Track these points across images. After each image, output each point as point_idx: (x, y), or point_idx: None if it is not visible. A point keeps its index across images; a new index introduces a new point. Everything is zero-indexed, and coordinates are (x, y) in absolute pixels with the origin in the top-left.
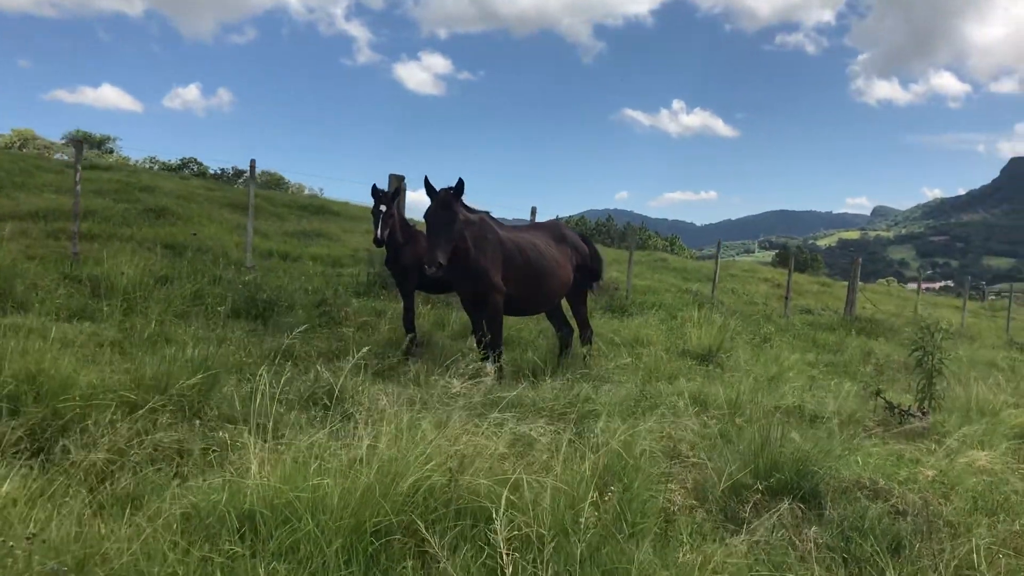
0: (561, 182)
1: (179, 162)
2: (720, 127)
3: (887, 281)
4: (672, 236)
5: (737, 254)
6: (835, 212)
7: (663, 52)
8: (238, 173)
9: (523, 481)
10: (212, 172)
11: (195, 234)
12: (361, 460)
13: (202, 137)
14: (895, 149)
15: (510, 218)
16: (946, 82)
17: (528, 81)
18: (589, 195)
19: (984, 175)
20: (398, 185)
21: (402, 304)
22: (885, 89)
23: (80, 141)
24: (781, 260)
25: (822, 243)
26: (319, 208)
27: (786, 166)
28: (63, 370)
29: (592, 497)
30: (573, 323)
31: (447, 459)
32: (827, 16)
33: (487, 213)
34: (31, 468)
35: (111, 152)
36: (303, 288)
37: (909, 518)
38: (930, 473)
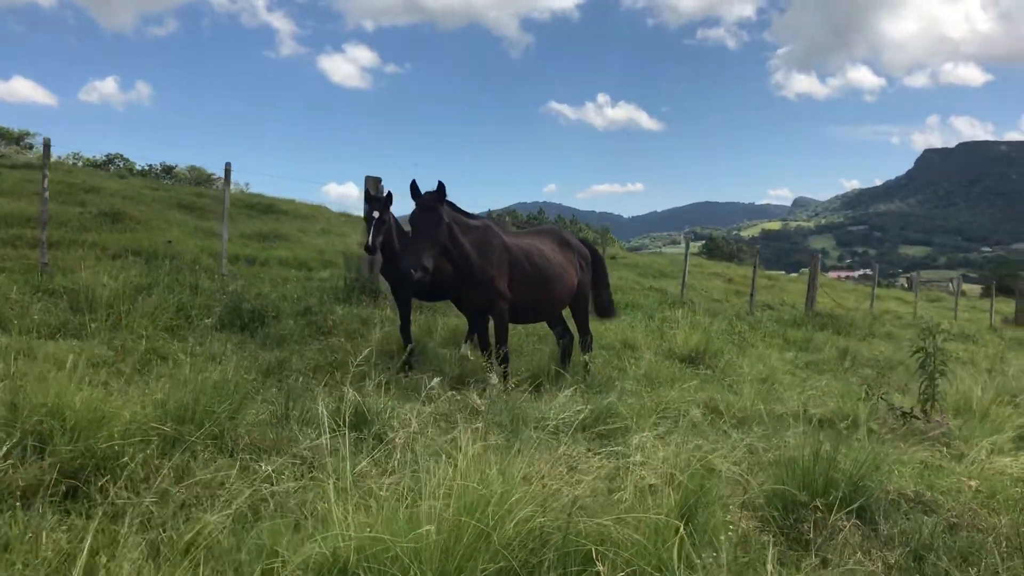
0: (490, 175)
1: (104, 158)
2: (645, 120)
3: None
4: (604, 228)
5: (664, 245)
6: (758, 203)
7: (588, 46)
8: (167, 169)
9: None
10: (140, 168)
11: (170, 242)
12: (443, 497)
13: (122, 132)
14: (814, 141)
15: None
16: (862, 76)
17: (455, 74)
18: (518, 188)
19: (899, 166)
20: (385, 191)
21: (396, 312)
22: (804, 83)
23: (47, 141)
24: (709, 252)
25: (745, 234)
26: (267, 207)
27: (710, 158)
28: (93, 403)
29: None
30: (573, 329)
31: (546, 498)
32: (748, 11)
33: (493, 218)
34: (67, 513)
35: (31, 148)
36: (284, 296)
37: (964, 532)
38: (973, 483)
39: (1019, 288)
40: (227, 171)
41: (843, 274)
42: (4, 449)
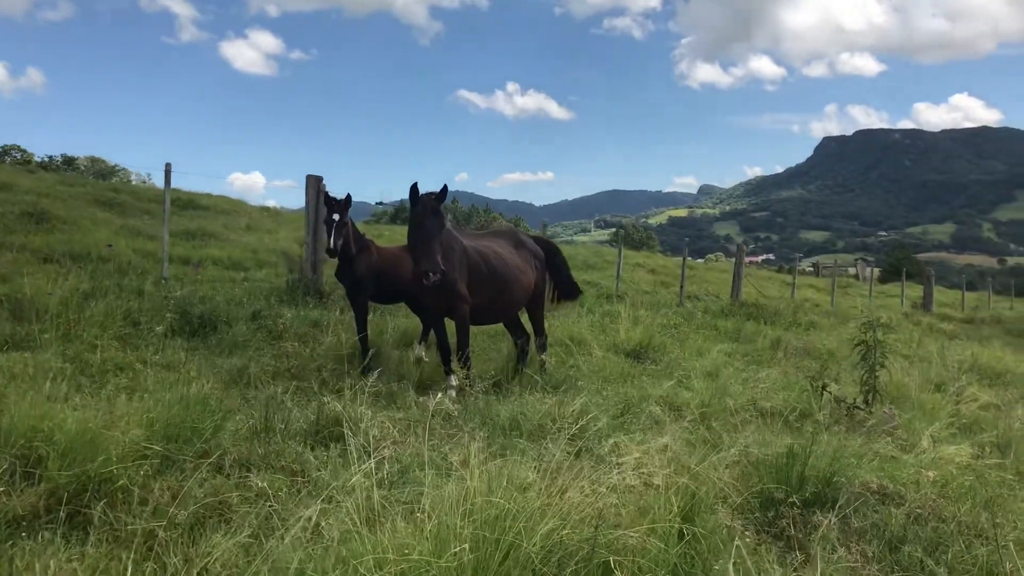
0: (400, 164)
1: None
2: (554, 109)
3: (715, 256)
4: (517, 218)
5: (575, 234)
6: (664, 191)
7: (497, 34)
8: (67, 161)
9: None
10: (39, 160)
11: (110, 246)
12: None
13: (13, 121)
14: (719, 130)
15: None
16: (764, 66)
17: (364, 62)
18: (429, 177)
19: (800, 154)
20: (330, 193)
21: (351, 315)
22: (708, 72)
23: None
24: (618, 240)
25: (653, 221)
26: (187, 203)
27: (618, 147)
28: (85, 425)
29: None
30: (529, 328)
31: (569, 511)
32: (653, 1)
33: (452, 220)
34: (68, 539)
35: None
36: (231, 300)
37: (929, 523)
38: (931, 474)
39: (926, 274)
40: (167, 172)
41: (747, 259)
42: None
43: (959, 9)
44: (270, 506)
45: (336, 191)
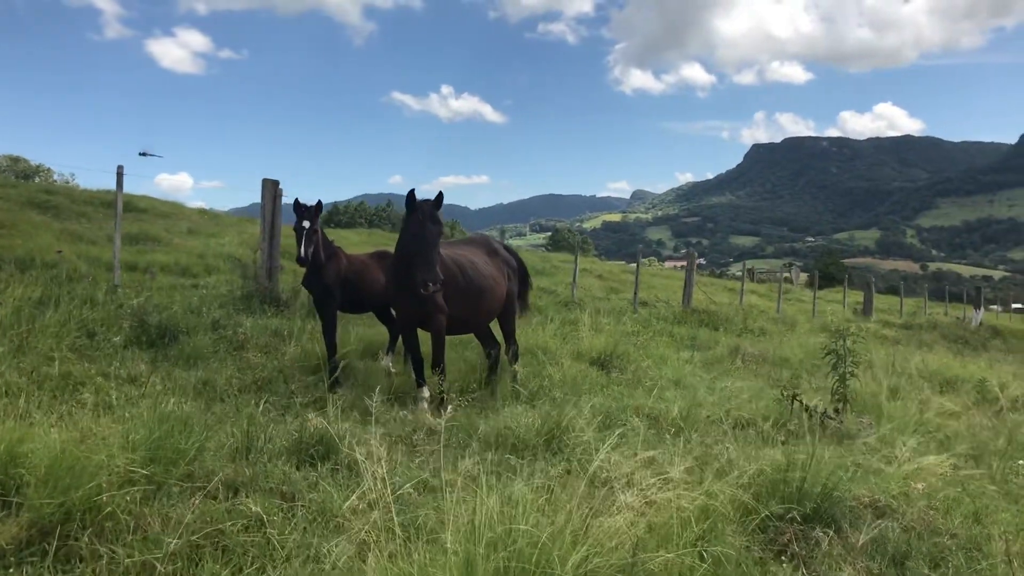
0: (333, 167)
1: None
2: (489, 112)
3: (648, 261)
4: (453, 221)
5: (510, 237)
6: (599, 196)
7: (431, 37)
8: None
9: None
10: None
11: (60, 252)
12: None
13: None
14: (651, 136)
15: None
16: (695, 73)
17: (296, 62)
18: (363, 179)
19: (730, 160)
20: (284, 194)
21: (315, 325)
22: (641, 79)
23: None
24: (554, 244)
25: (588, 225)
26: (125, 205)
27: (552, 151)
28: (67, 449)
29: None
30: (499, 338)
31: (600, 537)
32: (587, 7)
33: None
34: (55, 574)
35: None
36: (188, 308)
37: (925, 536)
38: (920, 486)
39: (866, 281)
40: (119, 175)
41: (679, 264)
42: None
43: (885, 19)
44: (267, 532)
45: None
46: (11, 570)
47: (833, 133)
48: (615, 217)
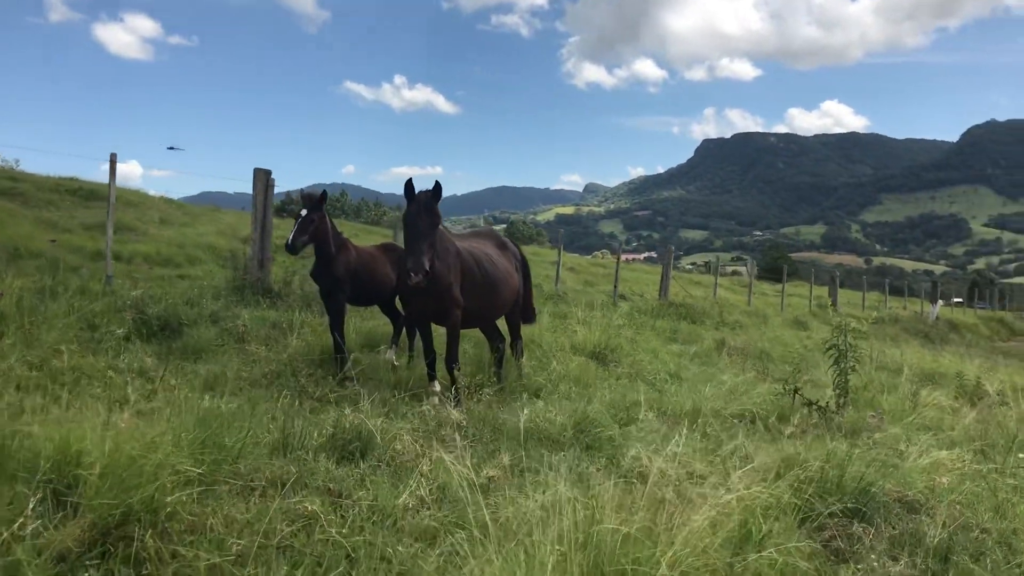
0: (286, 155)
1: None
2: (442, 103)
3: (601, 253)
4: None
5: (464, 229)
6: (552, 188)
7: (384, 26)
8: None
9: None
10: None
11: (54, 241)
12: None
13: None
14: (603, 129)
15: (230, 192)
16: (647, 68)
17: (247, 49)
18: (316, 168)
19: (681, 155)
20: (274, 186)
21: (325, 318)
22: (594, 72)
23: None
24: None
25: (541, 218)
26: (90, 193)
27: (506, 144)
28: (123, 448)
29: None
30: (504, 332)
31: (691, 537)
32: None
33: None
34: None
35: None
36: (186, 301)
37: (960, 532)
38: (945, 480)
39: (832, 276)
40: (112, 163)
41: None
42: (31, 506)
43: (832, 18)
44: (326, 532)
45: (218, 181)
46: (78, 573)
47: (781, 129)
48: (568, 210)
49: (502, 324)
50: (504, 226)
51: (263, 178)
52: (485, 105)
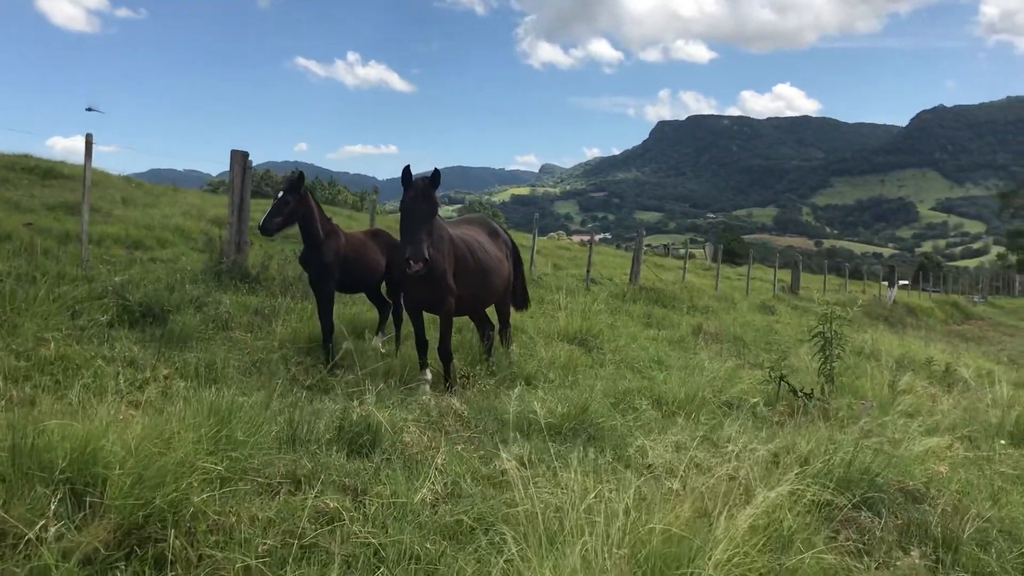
0: (235, 132)
1: None
2: (396, 81)
3: (557, 235)
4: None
5: None
6: (507, 169)
7: (337, 1)
8: None
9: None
10: None
11: (31, 224)
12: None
13: None
14: (559, 110)
15: (179, 169)
16: (602, 49)
17: (197, 23)
18: (267, 146)
19: (636, 137)
20: (253, 165)
21: (316, 306)
22: (549, 52)
23: None
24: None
25: (497, 199)
26: (47, 171)
27: (461, 123)
28: (141, 446)
29: None
30: (493, 319)
31: (736, 535)
32: None
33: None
34: None
35: None
36: (168, 285)
37: (965, 522)
38: (943, 469)
39: (794, 260)
40: (88, 144)
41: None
42: (52, 507)
43: (787, 1)
44: (347, 529)
45: (169, 159)
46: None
47: (734, 112)
48: (524, 191)
49: (490, 311)
50: (460, 206)
51: (241, 160)
52: (440, 84)
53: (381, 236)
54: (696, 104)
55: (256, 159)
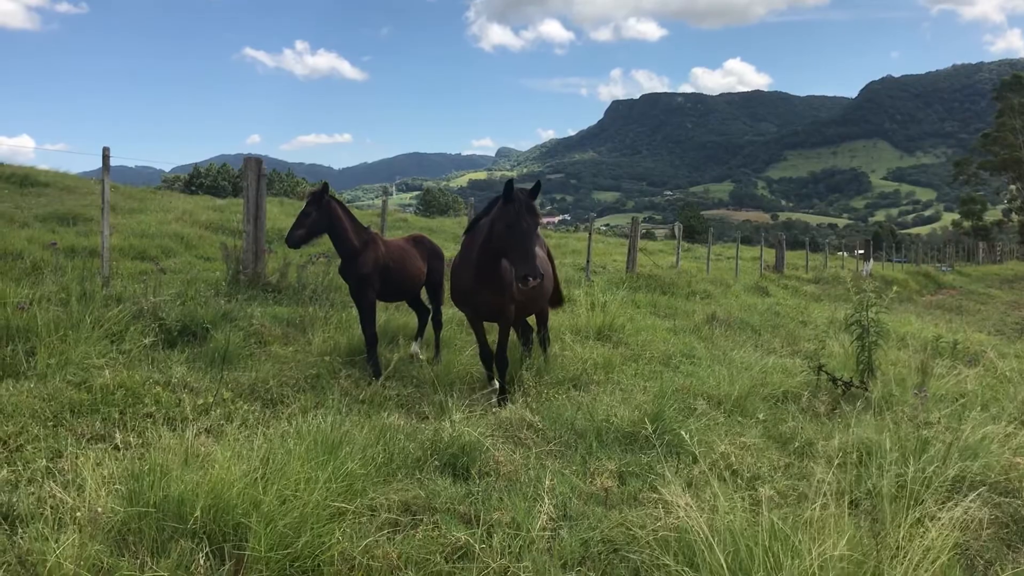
0: (185, 128)
1: None
2: (347, 69)
3: None
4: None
5: (375, 197)
6: (464, 154)
7: None
8: None
9: None
10: None
11: (55, 244)
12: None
13: None
14: (512, 93)
15: (131, 166)
16: (553, 29)
17: (140, 16)
18: (218, 139)
19: (591, 117)
20: (265, 175)
21: (359, 317)
22: (500, 35)
23: None
24: (425, 205)
25: (454, 184)
26: (23, 178)
27: (415, 109)
28: (268, 488)
29: None
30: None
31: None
32: None
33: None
34: None
35: None
36: (188, 299)
37: None
38: (1019, 461)
39: (778, 239)
40: (105, 157)
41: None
42: (201, 561)
43: None
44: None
45: (120, 157)
46: None
47: (687, 89)
48: (481, 175)
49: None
50: (418, 193)
51: (255, 167)
52: (392, 70)
53: (423, 243)
54: (649, 82)
55: (208, 153)
